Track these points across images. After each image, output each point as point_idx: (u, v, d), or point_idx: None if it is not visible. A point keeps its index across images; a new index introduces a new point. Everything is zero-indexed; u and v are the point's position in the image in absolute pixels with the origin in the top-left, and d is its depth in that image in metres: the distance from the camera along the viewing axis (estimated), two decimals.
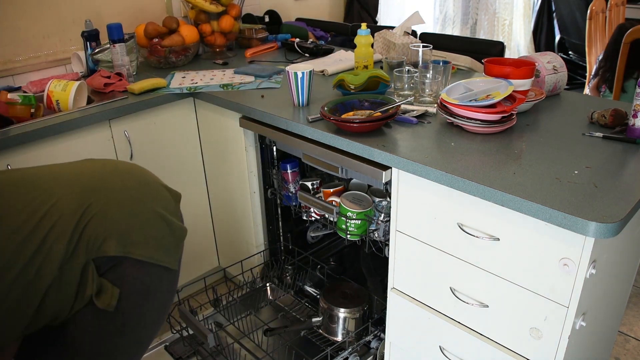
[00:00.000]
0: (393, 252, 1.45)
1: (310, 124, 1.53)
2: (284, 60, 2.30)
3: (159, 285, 1.05)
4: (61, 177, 1.00)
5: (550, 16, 4.39)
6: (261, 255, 2.05)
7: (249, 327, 1.84)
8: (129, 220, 1.00)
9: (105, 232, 0.96)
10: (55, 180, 0.99)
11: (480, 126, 1.37)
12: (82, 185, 1.00)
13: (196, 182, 2.10)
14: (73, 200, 0.96)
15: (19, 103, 1.70)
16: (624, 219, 1.00)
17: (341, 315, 1.71)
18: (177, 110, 1.94)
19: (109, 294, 0.97)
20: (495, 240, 1.18)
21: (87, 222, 0.95)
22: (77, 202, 0.96)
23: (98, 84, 1.90)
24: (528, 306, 1.18)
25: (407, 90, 1.65)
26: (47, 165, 1.06)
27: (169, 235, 1.06)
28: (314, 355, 1.63)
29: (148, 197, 1.06)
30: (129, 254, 0.98)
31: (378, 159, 1.35)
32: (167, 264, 1.05)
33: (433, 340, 1.43)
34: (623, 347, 1.93)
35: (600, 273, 1.15)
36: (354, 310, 1.70)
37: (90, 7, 2.20)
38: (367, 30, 1.84)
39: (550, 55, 1.65)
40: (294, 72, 1.60)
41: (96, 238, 0.95)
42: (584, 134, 1.38)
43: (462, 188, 1.17)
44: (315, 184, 1.78)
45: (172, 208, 1.10)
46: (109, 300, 0.97)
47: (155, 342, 1.81)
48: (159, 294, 1.06)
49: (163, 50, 2.15)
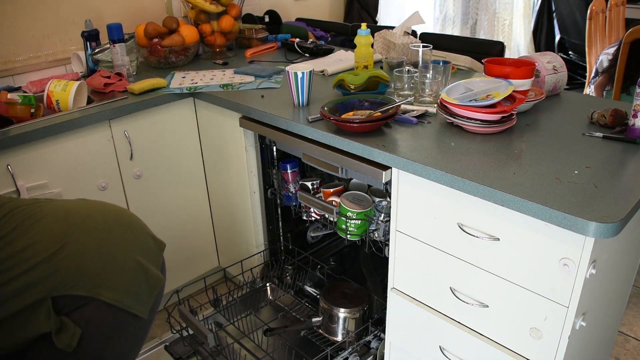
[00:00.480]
0: (393, 252, 1.45)
1: (310, 124, 1.53)
2: (284, 60, 2.30)
3: (124, 332, 1.02)
4: (52, 213, 1.01)
5: (550, 16, 4.39)
6: (261, 255, 2.05)
7: (249, 327, 1.84)
8: (104, 262, 0.98)
9: (77, 271, 0.95)
10: (46, 217, 0.99)
11: (480, 126, 1.37)
12: (67, 222, 1.00)
13: (196, 182, 2.10)
14: (53, 235, 0.96)
15: (19, 103, 1.70)
16: (624, 219, 1.00)
17: (341, 315, 1.71)
18: (177, 110, 1.94)
19: (70, 333, 0.95)
20: (495, 240, 1.18)
21: (62, 258, 0.94)
22: (57, 236, 0.96)
23: (98, 84, 1.90)
24: (528, 306, 1.18)
25: (407, 90, 1.65)
26: (46, 200, 1.07)
27: (144, 282, 1.04)
28: (314, 355, 1.63)
29: (129, 242, 1.04)
30: (98, 295, 0.96)
31: (378, 159, 1.35)
32: (136, 311, 1.02)
33: (433, 340, 1.43)
34: (623, 347, 1.93)
35: (600, 273, 1.15)
36: (354, 310, 1.70)
37: (90, 7, 2.20)
38: (367, 30, 1.84)
39: (550, 55, 1.64)
40: (294, 72, 1.60)
41: (67, 275, 0.94)
42: (584, 134, 1.38)
43: (462, 188, 1.17)
44: (315, 184, 1.78)
45: (153, 256, 1.09)
46: (68, 340, 0.94)
47: (155, 342, 1.81)
48: (123, 341, 1.03)
49: (163, 50, 2.15)
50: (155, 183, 1.96)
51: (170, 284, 2.14)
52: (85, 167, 1.75)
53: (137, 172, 1.89)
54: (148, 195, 1.95)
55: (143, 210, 1.95)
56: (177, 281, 2.16)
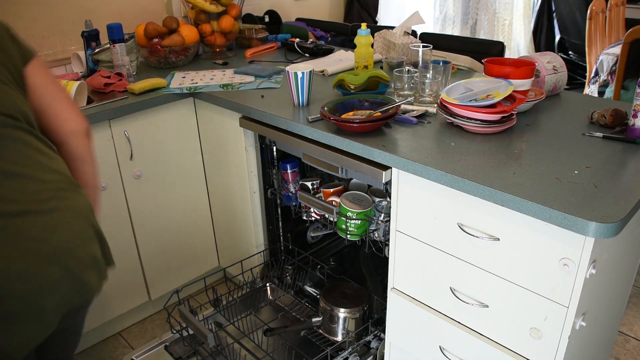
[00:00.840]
0: (393, 252, 1.45)
1: (310, 124, 1.53)
2: (284, 60, 2.30)
3: None
4: None
5: (550, 16, 4.39)
6: (261, 255, 2.05)
7: (249, 327, 1.84)
8: None
9: None
10: None
11: (480, 126, 1.37)
12: None
13: (196, 182, 2.10)
14: None
15: None
16: (624, 219, 1.00)
17: (341, 315, 1.71)
18: (177, 110, 1.94)
19: None
20: (495, 240, 1.18)
21: None
22: None
23: (98, 84, 1.90)
24: (528, 306, 1.18)
25: (407, 90, 1.65)
26: None
27: None
28: (314, 355, 1.63)
29: None
30: None
31: (378, 159, 1.35)
32: None
33: (433, 340, 1.43)
34: (623, 347, 1.93)
35: (600, 273, 1.15)
36: (354, 310, 1.70)
37: (90, 7, 2.20)
38: (367, 30, 1.84)
39: (550, 55, 1.64)
40: (294, 72, 1.60)
41: None
42: (584, 134, 1.38)
43: (462, 188, 1.17)
44: (315, 184, 1.78)
45: None
46: None
47: (155, 342, 1.81)
48: None
49: (163, 50, 2.15)
50: (155, 183, 1.96)
51: (170, 284, 2.14)
52: None
53: (137, 172, 1.89)
54: (148, 195, 1.95)
55: (143, 210, 1.95)
56: (177, 281, 2.16)
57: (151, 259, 2.04)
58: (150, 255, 2.03)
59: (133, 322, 2.14)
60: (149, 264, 2.03)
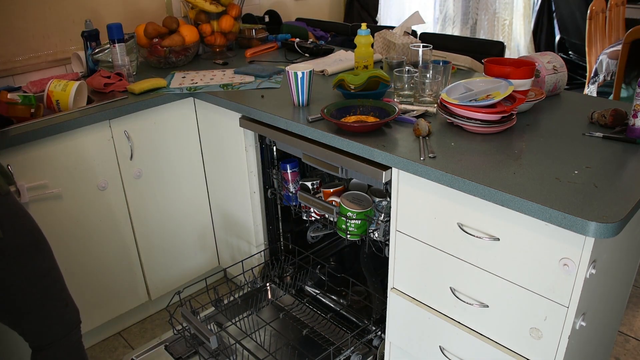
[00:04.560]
0: (393, 252, 1.45)
1: (310, 124, 1.53)
2: (284, 60, 2.30)
3: None
4: None
5: (550, 16, 4.39)
6: (261, 255, 2.05)
7: (250, 327, 1.84)
8: None
9: None
10: None
11: (480, 126, 1.38)
12: None
13: (196, 182, 2.10)
14: None
15: (19, 103, 1.70)
16: (624, 219, 1.00)
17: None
18: (177, 110, 1.94)
19: None
20: (495, 240, 1.18)
21: None
22: None
23: (98, 84, 1.90)
24: (528, 306, 1.18)
25: (407, 90, 1.65)
26: None
27: None
28: (316, 355, 1.63)
29: None
30: None
31: (378, 159, 1.35)
32: None
33: (433, 340, 1.43)
34: (623, 347, 1.93)
35: (600, 273, 1.15)
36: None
37: (90, 7, 2.20)
38: (367, 30, 1.84)
39: (550, 55, 1.65)
40: (294, 72, 1.60)
41: None
42: (584, 134, 1.38)
43: (462, 188, 1.18)
44: (315, 184, 1.78)
45: None
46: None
47: (155, 342, 1.81)
48: None
49: (163, 50, 2.15)
50: (155, 183, 1.96)
51: (170, 284, 2.14)
52: (85, 167, 1.75)
53: (137, 172, 1.89)
54: (148, 195, 1.95)
55: (143, 210, 1.95)
56: (178, 281, 2.16)
57: (151, 259, 2.04)
58: (150, 255, 2.03)
59: (133, 322, 2.14)
60: (148, 263, 2.03)
